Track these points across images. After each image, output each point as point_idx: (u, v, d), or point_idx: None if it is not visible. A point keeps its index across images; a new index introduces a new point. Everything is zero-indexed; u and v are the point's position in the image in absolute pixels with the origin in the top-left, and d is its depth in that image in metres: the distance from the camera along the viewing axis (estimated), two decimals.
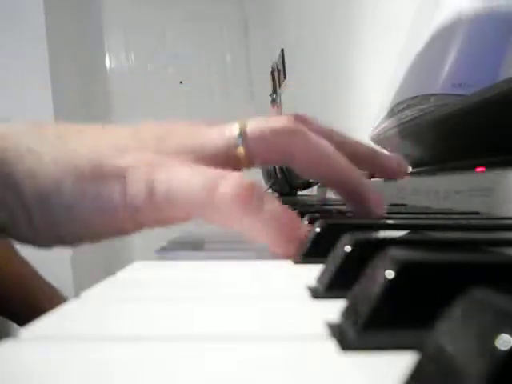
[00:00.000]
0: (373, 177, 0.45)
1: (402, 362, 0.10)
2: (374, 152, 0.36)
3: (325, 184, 0.34)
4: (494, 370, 0.07)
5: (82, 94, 2.69)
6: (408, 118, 0.51)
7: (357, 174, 0.32)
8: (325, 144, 0.31)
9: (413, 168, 0.60)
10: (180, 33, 3.04)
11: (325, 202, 0.76)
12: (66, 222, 0.28)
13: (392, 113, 0.57)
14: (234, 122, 0.31)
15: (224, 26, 3.09)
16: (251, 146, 0.30)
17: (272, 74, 2.80)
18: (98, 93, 2.91)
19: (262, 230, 0.27)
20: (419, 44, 0.56)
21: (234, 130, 0.30)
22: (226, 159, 0.30)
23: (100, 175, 0.28)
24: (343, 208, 0.42)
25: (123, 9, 3.01)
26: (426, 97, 0.50)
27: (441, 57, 0.49)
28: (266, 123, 0.31)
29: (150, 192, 0.27)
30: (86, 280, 2.13)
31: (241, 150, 0.30)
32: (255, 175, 0.40)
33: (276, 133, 0.30)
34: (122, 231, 0.29)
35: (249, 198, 0.27)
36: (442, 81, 0.48)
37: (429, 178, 0.47)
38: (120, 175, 0.28)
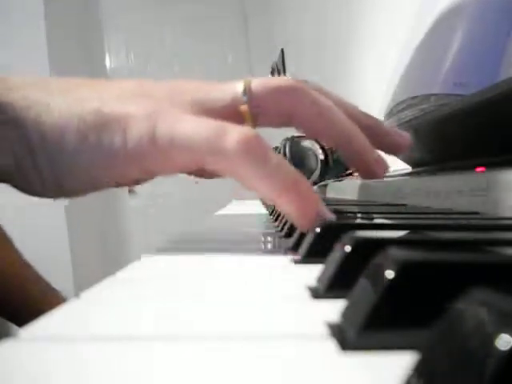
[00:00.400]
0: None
1: (402, 362, 0.10)
2: (378, 123, 0.37)
3: (326, 142, 0.34)
4: (493, 369, 0.07)
5: None
6: (408, 118, 0.51)
7: (357, 132, 0.33)
8: (325, 100, 0.32)
9: (413, 168, 0.60)
10: (180, 33, 3.04)
11: (325, 201, 0.76)
12: (70, 170, 0.29)
13: (392, 113, 0.57)
14: (240, 80, 0.32)
15: (224, 26, 3.09)
16: (255, 102, 0.31)
17: (272, 73, 2.80)
18: None
19: (267, 180, 0.27)
20: (419, 43, 0.56)
21: (238, 86, 0.31)
22: (231, 116, 0.30)
23: (101, 123, 0.28)
24: (343, 208, 0.42)
25: (123, 9, 3.01)
26: (426, 97, 0.50)
27: (441, 56, 0.49)
28: (269, 81, 0.32)
29: (153, 137, 0.27)
30: (85, 280, 2.13)
31: (245, 106, 0.31)
32: None
33: (279, 89, 0.31)
34: (127, 178, 0.30)
35: (256, 146, 0.27)
36: (442, 81, 0.48)
37: (429, 178, 0.47)
38: (122, 122, 0.28)
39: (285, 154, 1.03)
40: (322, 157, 1.00)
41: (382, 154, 0.37)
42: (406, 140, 0.37)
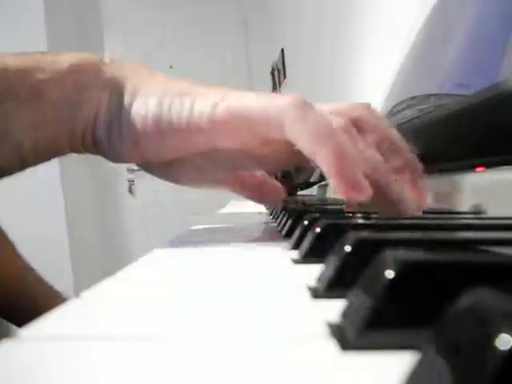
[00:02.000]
0: None
1: (402, 361, 0.10)
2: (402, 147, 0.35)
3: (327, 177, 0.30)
4: (493, 369, 0.07)
5: None
6: (408, 118, 0.51)
7: (378, 163, 0.31)
8: (331, 120, 0.31)
9: None
10: (180, 33, 3.04)
11: (325, 201, 0.76)
12: (144, 132, 0.33)
13: (392, 113, 0.57)
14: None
15: (224, 26, 3.09)
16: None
17: (272, 73, 2.80)
18: None
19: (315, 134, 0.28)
20: (419, 44, 0.56)
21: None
22: None
23: (178, 94, 0.33)
24: (343, 208, 0.42)
25: (123, 9, 3.01)
26: (426, 97, 0.50)
27: (441, 56, 0.49)
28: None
29: (214, 108, 0.32)
30: (85, 280, 2.13)
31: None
32: None
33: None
34: (191, 147, 0.34)
35: (304, 101, 0.30)
36: (442, 81, 0.48)
37: (429, 178, 0.47)
38: (192, 96, 0.33)
39: None
40: None
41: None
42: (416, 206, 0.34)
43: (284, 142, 0.30)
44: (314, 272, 0.20)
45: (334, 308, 0.15)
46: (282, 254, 0.29)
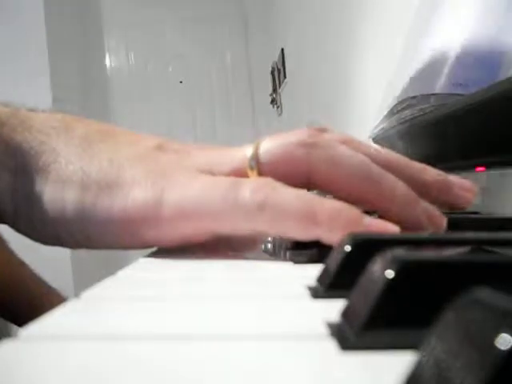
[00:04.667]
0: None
1: (402, 361, 0.10)
2: (441, 181, 0.29)
3: (359, 202, 0.26)
4: (494, 369, 0.07)
5: (82, 94, 2.69)
6: (408, 118, 0.51)
7: (407, 197, 0.26)
8: (357, 156, 0.26)
9: None
10: (180, 33, 3.04)
11: None
12: (64, 226, 0.28)
13: (392, 113, 0.57)
14: (251, 144, 0.28)
15: (224, 26, 3.09)
16: (265, 167, 0.27)
17: (272, 73, 2.80)
18: (98, 93, 2.91)
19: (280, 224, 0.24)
20: (419, 43, 0.56)
21: (247, 152, 0.28)
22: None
23: (106, 182, 0.27)
24: None
25: (123, 9, 3.01)
26: (426, 97, 0.50)
27: (441, 56, 0.49)
28: (279, 140, 0.27)
29: (159, 202, 0.26)
30: (85, 280, 2.13)
31: (254, 173, 0.27)
32: None
33: (290, 147, 0.27)
34: (120, 246, 0.28)
35: (271, 193, 0.24)
36: (442, 81, 0.48)
37: None
38: (126, 186, 0.27)
39: None
40: None
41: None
42: (469, 195, 0.29)
43: None
44: (314, 272, 0.20)
45: (334, 308, 0.15)
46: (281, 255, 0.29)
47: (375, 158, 0.27)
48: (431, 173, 0.29)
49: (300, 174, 0.27)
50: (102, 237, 0.28)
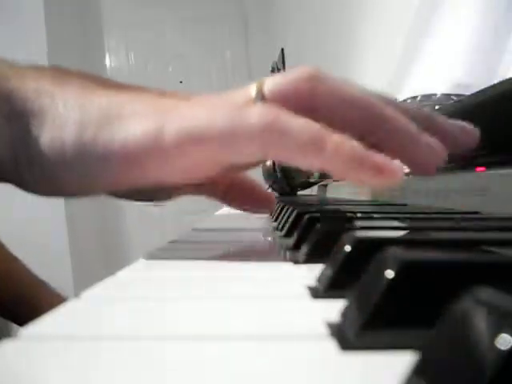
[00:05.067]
0: None
1: (402, 361, 0.10)
2: (431, 117, 0.29)
3: (361, 138, 0.26)
4: (494, 369, 0.07)
5: None
6: None
7: (402, 119, 0.27)
8: (358, 88, 0.27)
9: None
10: (180, 33, 3.04)
11: (325, 201, 0.76)
12: (63, 169, 0.27)
13: None
14: (252, 83, 0.28)
15: (224, 26, 3.09)
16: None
17: (272, 73, 2.80)
18: None
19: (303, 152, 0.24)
20: (419, 43, 0.56)
21: (251, 90, 0.27)
22: None
23: (105, 116, 0.26)
24: (343, 208, 0.42)
25: (123, 9, 3.01)
26: (426, 97, 0.50)
27: (441, 56, 0.49)
28: (283, 77, 0.27)
29: (160, 133, 0.25)
30: (85, 280, 2.13)
31: None
32: (255, 175, 0.40)
33: (295, 81, 0.27)
34: (125, 185, 0.27)
35: (280, 118, 0.24)
36: (442, 81, 0.48)
37: (429, 178, 0.47)
38: (126, 120, 0.26)
39: None
40: None
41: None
42: (473, 137, 0.30)
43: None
44: (314, 272, 0.20)
45: (334, 308, 0.15)
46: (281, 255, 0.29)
47: (380, 97, 0.28)
48: (440, 117, 0.30)
49: (305, 108, 0.26)
50: (103, 174, 0.26)
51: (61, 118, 0.26)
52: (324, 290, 0.18)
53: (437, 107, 0.47)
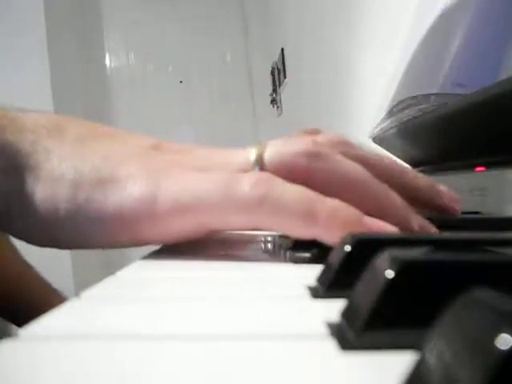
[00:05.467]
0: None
1: (402, 361, 0.10)
2: (432, 188, 0.30)
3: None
4: (494, 369, 0.07)
5: (82, 94, 2.69)
6: (408, 118, 0.51)
7: (402, 210, 0.27)
8: (356, 168, 0.27)
9: (413, 168, 0.60)
10: (180, 33, 3.04)
11: None
12: (57, 227, 0.27)
13: (392, 113, 0.57)
14: (253, 146, 0.28)
15: (224, 26, 3.09)
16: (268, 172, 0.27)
17: (272, 73, 2.80)
18: (98, 93, 2.91)
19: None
20: (420, 43, 0.56)
21: (250, 155, 0.27)
22: None
23: (98, 178, 0.26)
24: None
25: (123, 9, 3.01)
26: (426, 96, 0.50)
27: (441, 56, 0.49)
28: (285, 147, 0.27)
29: (154, 196, 0.25)
30: (85, 280, 2.13)
31: None
32: None
33: (295, 155, 0.27)
34: (121, 243, 0.28)
35: (271, 184, 0.24)
36: (442, 81, 0.48)
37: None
38: (121, 182, 0.26)
39: None
40: None
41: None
42: (455, 207, 0.31)
43: None
44: (314, 272, 0.20)
45: (334, 308, 0.15)
46: (281, 255, 0.29)
47: (371, 165, 0.28)
48: (423, 180, 0.31)
49: (298, 180, 0.27)
50: (97, 235, 0.27)
51: (55, 176, 0.27)
52: (324, 290, 0.18)
53: (436, 107, 0.47)
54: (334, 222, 0.23)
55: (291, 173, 0.27)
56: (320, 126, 0.30)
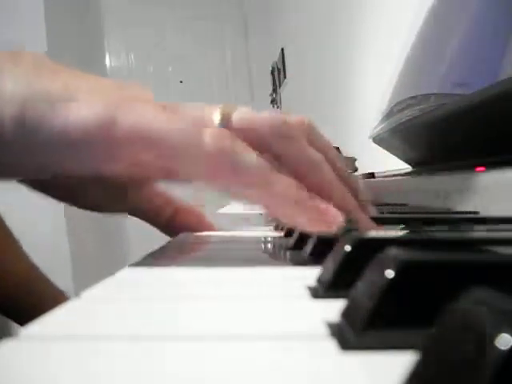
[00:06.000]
0: None
1: (402, 361, 0.10)
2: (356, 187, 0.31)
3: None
4: (494, 369, 0.07)
5: None
6: (408, 118, 0.51)
7: (348, 199, 0.28)
8: (319, 158, 0.28)
9: (413, 168, 0.60)
10: (180, 33, 3.04)
11: None
12: (5, 149, 0.25)
13: (391, 113, 0.57)
14: (218, 106, 0.27)
15: (224, 26, 3.09)
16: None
17: (272, 73, 2.80)
18: None
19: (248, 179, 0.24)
20: (419, 43, 0.56)
21: (215, 113, 0.27)
22: None
23: (49, 100, 0.24)
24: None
25: (123, 9, 3.01)
26: (426, 97, 0.50)
27: (441, 56, 0.49)
28: (257, 115, 0.27)
29: (110, 121, 0.24)
30: (86, 280, 2.13)
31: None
32: None
33: (262, 122, 0.27)
34: (70, 168, 0.26)
35: (233, 144, 0.24)
36: (442, 81, 0.48)
37: (429, 178, 0.48)
38: (73, 104, 0.24)
39: None
40: None
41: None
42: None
43: None
44: (314, 272, 0.20)
45: (334, 308, 0.15)
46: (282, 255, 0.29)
47: (330, 159, 0.28)
48: (361, 185, 0.31)
49: (263, 150, 0.26)
50: (46, 157, 0.25)
51: (6, 93, 0.25)
52: (324, 290, 0.18)
53: (436, 107, 0.47)
54: (287, 195, 0.24)
55: (252, 140, 0.26)
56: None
